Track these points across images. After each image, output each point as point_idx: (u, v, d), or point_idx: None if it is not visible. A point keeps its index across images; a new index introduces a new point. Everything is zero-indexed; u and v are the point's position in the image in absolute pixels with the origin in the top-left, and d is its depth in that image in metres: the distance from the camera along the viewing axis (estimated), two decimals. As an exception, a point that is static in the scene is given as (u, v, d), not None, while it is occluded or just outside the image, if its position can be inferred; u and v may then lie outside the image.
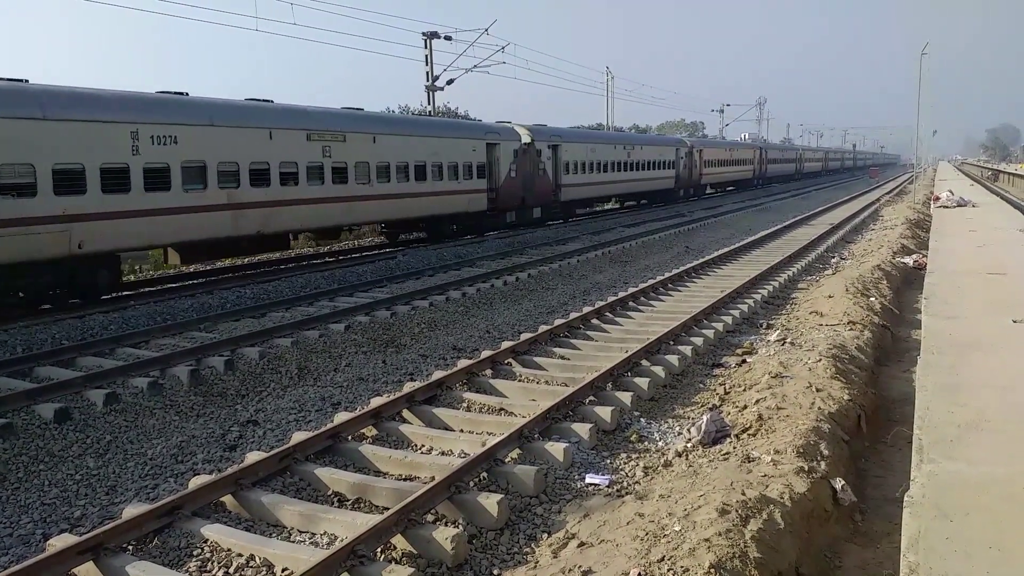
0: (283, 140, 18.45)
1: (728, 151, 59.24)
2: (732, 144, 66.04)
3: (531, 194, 29.41)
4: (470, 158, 26.14)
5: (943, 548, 4.15)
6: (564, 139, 32.37)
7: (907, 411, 7.96)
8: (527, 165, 29.02)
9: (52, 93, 14.24)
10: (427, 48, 34.86)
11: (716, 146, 58.26)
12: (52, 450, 7.92)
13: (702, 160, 50.78)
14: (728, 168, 58.10)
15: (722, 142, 67.70)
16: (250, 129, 17.72)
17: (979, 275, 12.66)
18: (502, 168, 27.59)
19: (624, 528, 5.56)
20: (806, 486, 6.02)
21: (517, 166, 28.34)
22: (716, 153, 55.58)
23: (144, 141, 15.20)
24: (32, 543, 6.26)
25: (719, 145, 60.73)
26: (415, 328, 13.10)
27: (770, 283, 16.20)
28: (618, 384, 9.14)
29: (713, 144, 58.68)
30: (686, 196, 49.49)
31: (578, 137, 35.54)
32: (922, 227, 26.64)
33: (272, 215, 18.13)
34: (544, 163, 30.25)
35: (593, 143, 35.98)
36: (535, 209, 30.20)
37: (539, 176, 29.90)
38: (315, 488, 6.72)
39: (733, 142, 71.79)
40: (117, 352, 11.06)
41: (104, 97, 15.17)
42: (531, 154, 29.24)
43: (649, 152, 42.61)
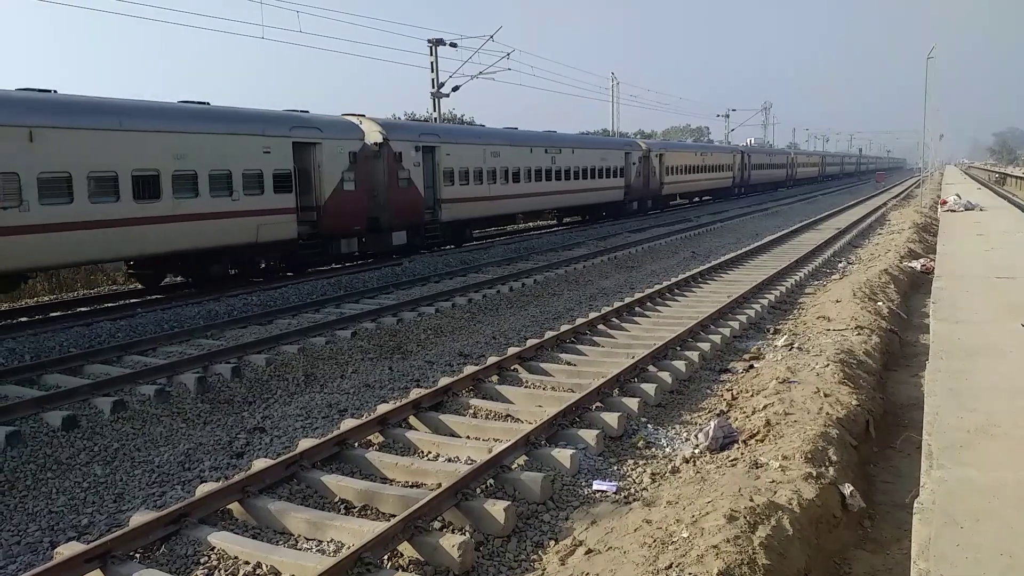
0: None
1: (699, 156, 51.21)
2: (704, 147, 58.54)
3: (387, 213, 21.90)
4: (258, 163, 17.61)
5: (954, 555, 4.12)
6: (444, 138, 24.89)
7: (916, 416, 7.92)
8: (377, 174, 21.58)
9: None
10: (432, 55, 34.97)
11: (682, 150, 50.00)
12: (60, 458, 7.93)
13: (663, 167, 43.19)
14: (699, 176, 50.49)
15: (691, 145, 61.13)
16: None
17: (987, 279, 12.60)
18: (327, 177, 19.53)
19: (632, 535, 5.54)
20: (815, 492, 5.98)
21: (356, 175, 20.45)
22: (682, 158, 47.35)
23: None
24: (40, 551, 6.27)
25: (687, 149, 52.09)
26: (421, 334, 13.10)
27: (777, 288, 16.16)
28: (625, 390, 9.12)
29: (678, 147, 50.46)
30: (642, 209, 41.17)
31: (468, 136, 27.35)
32: (929, 231, 26.56)
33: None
34: (408, 171, 22.61)
35: (495, 144, 27.63)
36: (395, 233, 22.36)
37: (399, 189, 22.26)
38: (322, 495, 6.71)
39: (706, 145, 66.39)
40: (124, 360, 11.09)
41: None
42: (385, 159, 21.69)
43: (587, 157, 34.63)
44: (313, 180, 19.29)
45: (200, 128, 16.48)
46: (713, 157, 54.27)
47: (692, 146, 58.16)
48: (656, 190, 42.99)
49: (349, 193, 20.24)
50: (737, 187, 60.29)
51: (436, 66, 35.05)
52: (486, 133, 28.73)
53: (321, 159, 19.33)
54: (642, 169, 40.39)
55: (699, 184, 51.18)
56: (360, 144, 20.82)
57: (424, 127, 25.63)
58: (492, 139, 28.04)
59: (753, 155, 65.25)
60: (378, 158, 21.58)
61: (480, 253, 24.02)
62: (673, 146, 49.59)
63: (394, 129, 22.79)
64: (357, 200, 20.61)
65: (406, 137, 22.95)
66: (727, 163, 57.07)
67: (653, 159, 41.94)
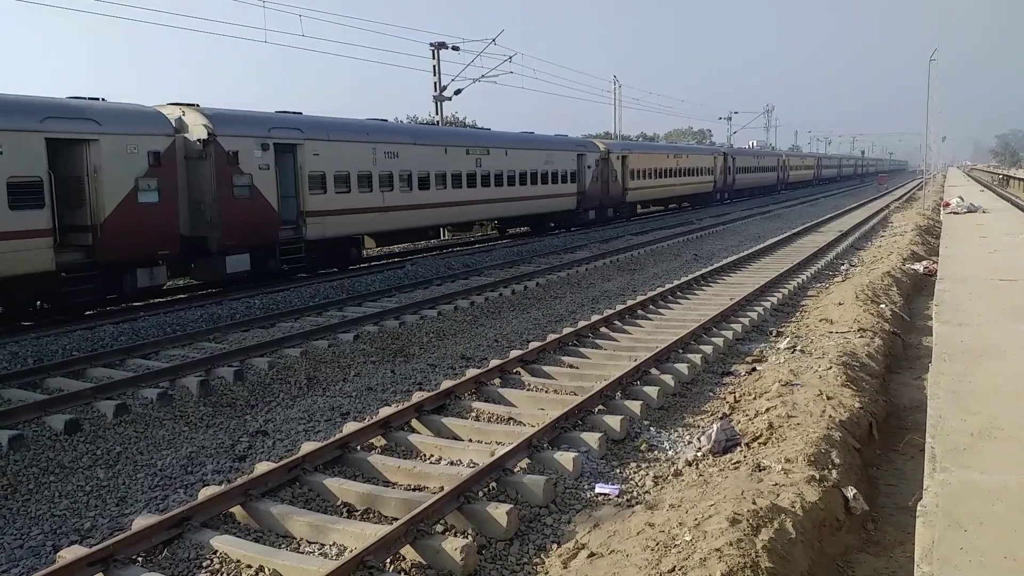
0: None
1: (672, 158, 45.61)
2: (679, 148, 52.18)
3: (216, 232, 16.87)
4: None
5: (957, 558, 4.11)
6: (310, 134, 19.27)
7: (919, 419, 7.90)
8: (201, 180, 16.82)
9: None
10: (435, 58, 35.03)
11: (651, 151, 44.74)
12: (62, 461, 7.94)
13: (626, 170, 38.11)
14: (672, 180, 45.18)
15: (661, 146, 55.66)
16: None
17: (990, 281, 12.58)
18: (109, 186, 14.67)
19: (634, 538, 5.53)
20: (817, 495, 5.97)
21: (162, 182, 15.55)
22: (650, 160, 42.10)
23: None
24: (42, 555, 6.27)
25: (656, 150, 47.06)
26: (423, 337, 13.10)
27: (779, 290, 16.15)
28: (627, 393, 9.11)
29: (646, 148, 45.74)
30: (601, 219, 35.90)
31: (348, 132, 21.01)
32: (932, 233, 26.53)
33: None
34: (251, 176, 17.50)
35: (390, 143, 22.10)
36: (231, 258, 17.23)
37: (234, 199, 17.14)
38: (324, 498, 6.71)
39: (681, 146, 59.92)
40: (127, 363, 11.10)
41: None
42: (212, 160, 16.75)
43: (525, 159, 29.42)
44: (87, 190, 14.50)
45: None
46: (689, 159, 48.68)
47: (662, 147, 52.36)
48: (618, 197, 37.68)
49: (148, 206, 15.22)
50: (719, 192, 54.51)
51: (438, 69, 35.12)
52: (377, 128, 22.74)
53: (99, 161, 14.47)
54: (600, 173, 35.43)
55: (673, 190, 46.18)
56: (168, 141, 15.77)
57: (279, 119, 18.95)
58: (385, 136, 22.31)
59: (738, 157, 59.47)
60: (203, 159, 16.75)
61: (481, 256, 24.00)
62: (639, 147, 44.10)
63: (227, 122, 17.35)
64: (162, 215, 15.55)
65: (246, 132, 17.64)
66: (707, 166, 51.77)
67: (614, 162, 36.89)
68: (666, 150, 48.67)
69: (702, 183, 50.66)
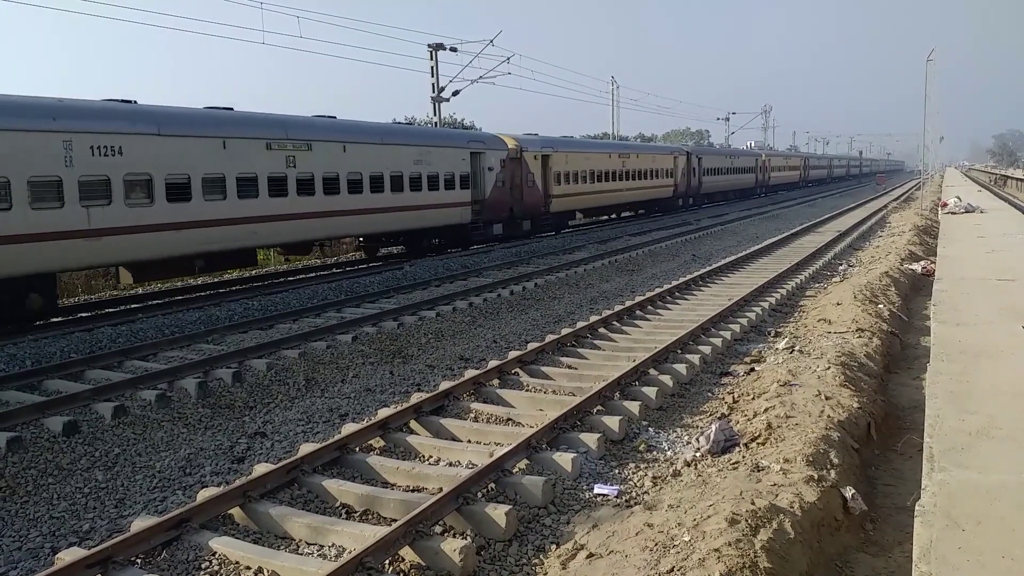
0: None
1: (615, 158, 36.88)
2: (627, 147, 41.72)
3: None
4: None
5: (955, 558, 4.11)
6: None
7: (917, 419, 7.91)
8: None
9: None
10: (433, 60, 35.03)
11: (582, 150, 34.63)
12: (61, 463, 7.93)
13: (548, 173, 30.44)
14: (616, 185, 36.82)
15: (598, 144, 43.11)
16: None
17: (988, 281, 12.59)
18: None
19: (633, 539, 5.53)
20: (816, 495, 5.98)
21: None
22: (582, 161, 33.44)
23: None
24: (41, 557, 6.26)
25: (590, 149, 36.08)
26: (422, 338, 13.10)
27: (778, 291, 16.16)
28: (626, 393, 9.11)
29: (575, 147, 34.48)
30: (512, 234, 28.58)
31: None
32: (930, 233, 26.56)
33: None
34: None
35: (114, 130, 14.72)
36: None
37: None
38: (323, 500, 6.71)
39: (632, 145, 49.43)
40: (125, 365, 11.10)
41: None
42: None
43: (378, 157, 21.45)
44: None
45: None
46: (640, 160, 40.13)
47: (600, 145, 41.59)
48: (535, 205, 29.76)
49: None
50: (682, 197, 47.33)
51: (436, 70, 35.10)
52: (80, 110, 14.71)
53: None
54: (510, 176, 27.85)
55: (617, 196, 37.44)
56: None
57: None
58: (101, 121, 14.77)
59: (705, 157, 51.55)
60: None
61: (481, 256, 24.00)
62: (566, 144, 33.51)
63: None
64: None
65: None
66: (665, 167, 43.76)
67: (529, 163, 29.21)
68: (607, 148, 38.14)
69: (660, 187, 42.86)
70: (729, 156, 59.38)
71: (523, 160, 29.08)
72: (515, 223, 28.95)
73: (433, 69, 35.10)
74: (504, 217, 28.00)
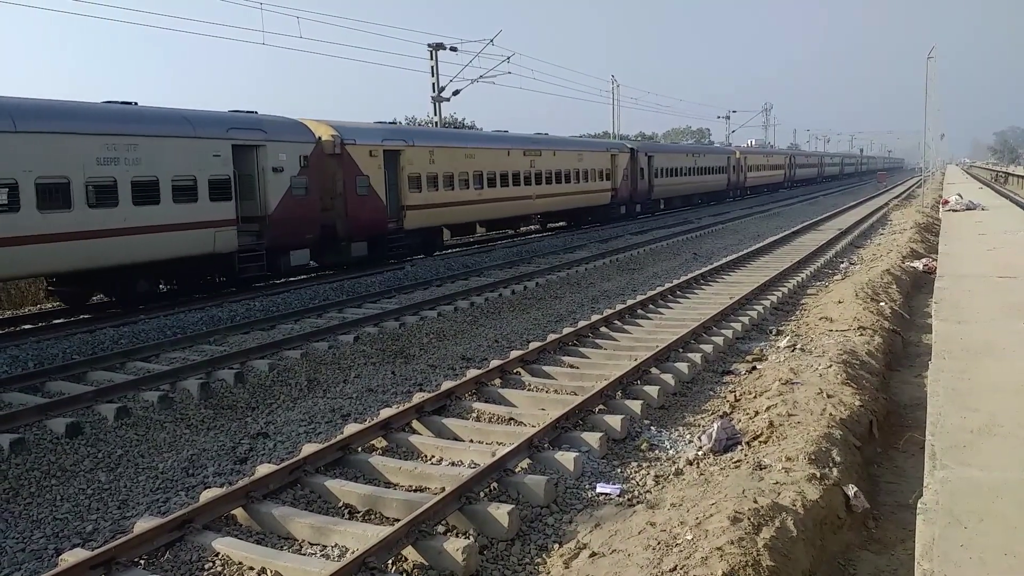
0: None
1: (506, 154, 28.08)
2: (531, 142, 30.97)
3: None
4: None
5: (958, 555, 4.12)
6: None
7: (919, 416, 7.91)
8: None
9: None
10: (433, 59, 35.04)
11: (447, 143, 25.51)
12: (64, 465, 7.95)
13: (398, 175, 22.27)
14: (514, 192, 28.32)
15: (481, 135, 31.87)
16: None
17: (990, 279, 12.59)
18: None
19: (636, 538, 5.54)
20: (818, 493, 5.98)
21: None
22: (446, 160, 24.49)
23: None
24: (45, 558, 6.28)
25: (455, 141, 26.76)
26: (424, 338, 13.11)
27: (779, 289, 16.15)
28: (628, 392, 9.12)
29: (438, 139, 25.70)
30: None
31: None
32: (931, 231, 26.54)
33: None
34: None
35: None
36: None
37: None
38: (326, 500, 6.72)
39: (533, 137, 32.58)
40: (127, 366, 11.10)
41: None
42: None
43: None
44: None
45: None
46: (558, 158, 31.58)
47: (491, 138, 29.09)
48: (373, 222, 21.41)
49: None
50: (626, 204, 38.18)
51: (436, 70, 35.12)
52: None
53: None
54: (321, 180, 19.66)
55: (521, 205, 29.07)
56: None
57: None
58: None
59: (658, 156, 42.58)
60: None
61: (481, 256, 24.00)
62: (428, 136, 25.20)
63: None
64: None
65: None
66: (599, 167, 35.12)
67: (361, 161, 20.74)
68: (503, 143, 29.04)
69: (590, 192, 34.50)
70: (692, 154, 49.70)
71: (347, 157, 20.36)
72: (337, 247, 20.79)
73: (433, 69, 35.12)
74: (311, 240, 19.34)
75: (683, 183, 46.98)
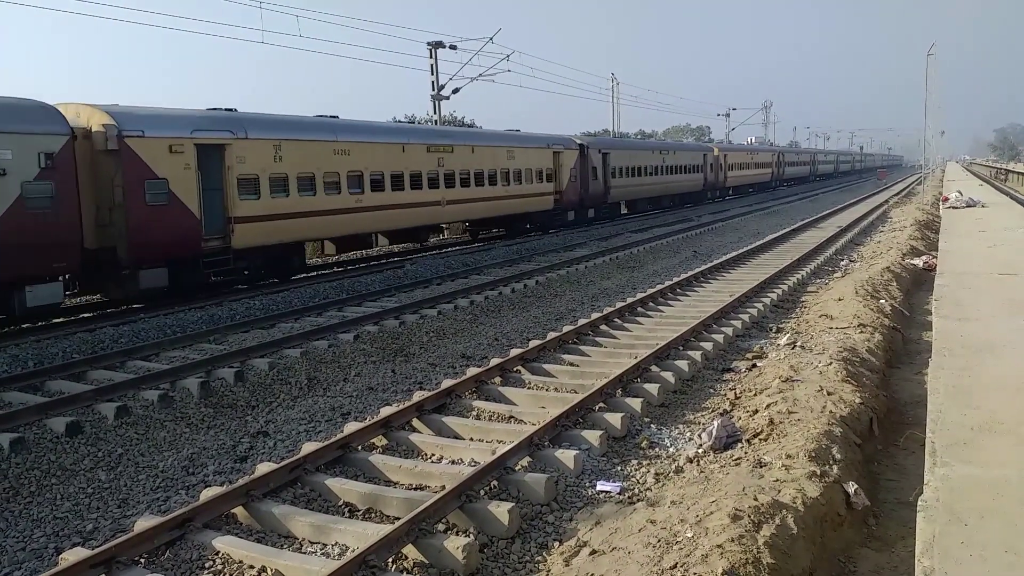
0: None
1: (400, 151, 22.67)
2: (438, 135, 26.15)
3: None
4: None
5: (958, 552, 4.11)
6: None
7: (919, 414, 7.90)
8: None
9: None
10: (432, 58, 35.01)
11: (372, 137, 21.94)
12: (64, 464, 7.95)
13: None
14: (420, 196, 23.26)
15: (403, 129, 27.65)
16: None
17: (990, 276, 12.58)
18: None
19: (636, 535, 5.53)
20: (819, 490, 5.98)
21: None
22: (362, 157, 20.89)
23: None
24: (45, 557, 6.28)
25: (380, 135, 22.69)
26: (424, 337, 13.11)
27: (779, 287, 16.15)
28: (628, 390, 9.12)
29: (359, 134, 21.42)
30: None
31: None
32: (931, 228, 26.53)
33: None
34: None
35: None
36: None
37: None
38: (326, 499, 6.72)
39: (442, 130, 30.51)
40: (127, 365, 11.11)
41: None
42: None
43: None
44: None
45: None
46: (476, 156, 26.41)
47: (355, 128, 21.95)
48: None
49: None
50: (574, 209, 33.31)
51: (436, 68, 35.10)
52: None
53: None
54: (78, 190, 14.18)
55: (419, 214, 23.52)
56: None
57: None
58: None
59: (614, 153, 37.07)
60: None
61: (481, 255, 24.00)
62: (272, 126, 18.73)
63: None
64: None
65: None
66: (538, 166, 30.28)
67: (142, 160, 15.24)
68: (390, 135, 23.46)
69: (526, 197, 29.48)
70: (659, 151, 43.80)
71: (130, 154, 15.06)
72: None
73: (433, 67, 35.09)
74: (64, 268, 14.21)
75: (648, 183, 41.57)
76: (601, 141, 38.91)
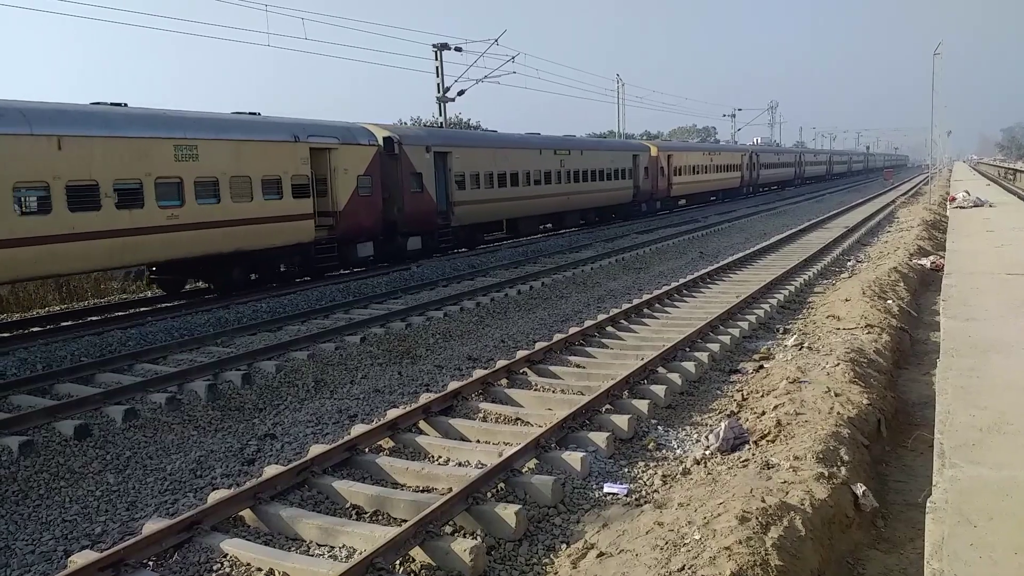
0: None
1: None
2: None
3: None
4: None
5: (967, 554, 4.10)
6: None
7: (928, 415, 7.89)
8: None
9: None
10: (438, 60, 35.03)
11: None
12: (72, 467, 7.97)
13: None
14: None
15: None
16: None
17: (998, 276, 12.53)
18: None
19: (643, 537, 5.53)
20: (827, 492, 5.96)
21: None
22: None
23: None
24: (54, 560, 6.30)
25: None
26: (430, 339, 13.12)
27: (786, 287, 16.12)
28: (634, 392, 9.11)
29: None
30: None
31: None
32: (938, 228, 26.44)
33: None
34: None
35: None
36: None
37: None
38: (333, 501, 6.73)
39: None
40: (135, 368, 11.15)
41: None
42: None
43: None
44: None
45: None
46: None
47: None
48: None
49: None
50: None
51: (441, 71, 35.10)
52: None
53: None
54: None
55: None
56: None
57: None
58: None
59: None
60: None
61: (487, 257, 24.00)
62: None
63: None
64: None
65: None
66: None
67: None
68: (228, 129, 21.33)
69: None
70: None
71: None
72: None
73: (438, 69, 35.11)
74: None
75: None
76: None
